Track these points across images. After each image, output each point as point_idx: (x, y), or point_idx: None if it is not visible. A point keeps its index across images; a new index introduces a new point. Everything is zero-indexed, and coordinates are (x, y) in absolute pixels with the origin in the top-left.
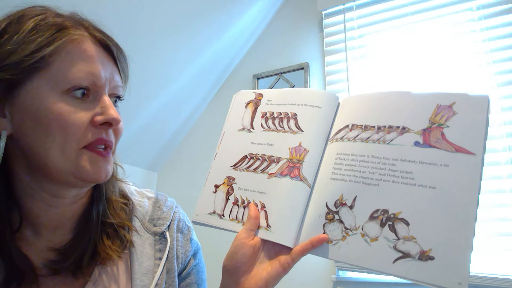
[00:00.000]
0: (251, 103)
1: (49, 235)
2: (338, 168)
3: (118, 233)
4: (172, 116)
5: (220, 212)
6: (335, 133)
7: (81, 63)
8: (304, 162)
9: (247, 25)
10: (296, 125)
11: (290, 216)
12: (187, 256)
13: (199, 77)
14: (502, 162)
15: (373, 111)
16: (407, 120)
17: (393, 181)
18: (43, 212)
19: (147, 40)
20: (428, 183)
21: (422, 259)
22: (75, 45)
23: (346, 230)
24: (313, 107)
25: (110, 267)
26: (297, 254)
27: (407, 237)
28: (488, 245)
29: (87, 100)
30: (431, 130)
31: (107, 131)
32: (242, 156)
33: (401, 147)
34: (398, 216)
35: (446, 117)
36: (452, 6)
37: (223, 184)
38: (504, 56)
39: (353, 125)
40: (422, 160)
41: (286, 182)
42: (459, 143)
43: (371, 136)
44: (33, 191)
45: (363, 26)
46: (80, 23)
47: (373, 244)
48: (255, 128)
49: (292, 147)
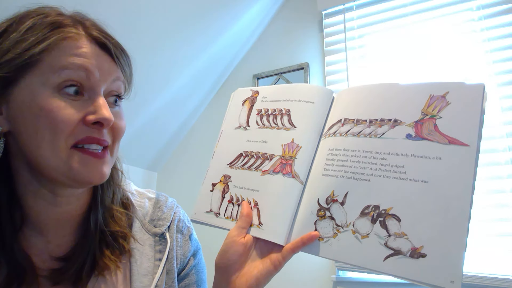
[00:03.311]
0: (248, 100)
1: (50, 235)
2: (330, 164)
3: (118, 241)
4: (172, 116)
5: (216, 210)
6: (328, 128)
7: (72, 57)
8: (296, 159)
9: (247, 25)
10: (289, 121)
11: (281, 214)
12: (185, 256)
13: (199, 77)
14: (502, 162)
15: (365, 104)
16: (399, 112)
17: (384, 175)
18: (43, 210)
19: (148, 41)
20: (420, 177)
21: (414, 256)
22: (69, 42)
23: (337, 227)
24: (306, 103)
25: (109, 276)
26: (288, 252)
27: (398, 234)
28: (488, 245)
29: (81, 98)
30: (423, 122)
31: (100, 131)
32: (238, 154)
33: (393, 141)
34: (389, 212)
35: (439, 108)
36: (452, 6)
37: (220, 183)
38: (504, 56)
39: (345, 119)
40: (414, 154)
41: (278, 179)
42: (452, 134)
43: (363, 130)
44: (34, 188)
45: (363, 26)
46: (79, 22)
47: (364, 241)
48: (250, 126)
49: (285, 143)
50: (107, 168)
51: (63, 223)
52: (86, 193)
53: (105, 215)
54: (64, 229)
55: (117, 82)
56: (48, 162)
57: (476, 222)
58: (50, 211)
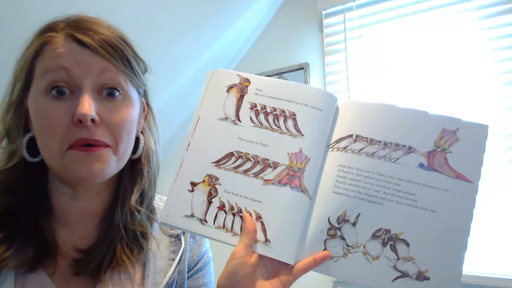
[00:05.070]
0: (235, 88)
1: (73, 227)
2: (341, 181)
3: (138, 240)
4: (172, 116)
5: (201, 217)
6: (336, 141)
7: (52, 59)
8: (305, 171)
9: (246, 25)
10: (296, 127)
11: (290, 231)
12: (193, 260)
13: (199, 77)
14: (502, 162)
15: (379, 124)
16: (414, 140)
17: (397, 201)
18: (66, 204)
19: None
20: (429, 206)
21: (419, 279)
22: (50, 46)
23: (347, 247)
24: (315, 109)
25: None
26: (299, 272)
27: (406, 258)
28: (488, 245)
29: (70, 98)
30: (435, 154)
31: (89, 130)
32: (227, 152)
33: (407, 168)
34: (400, 237)
35: (450, 142)
36: (452, 6)
37: (203, 183)
38: (505, 56)
39: (357, 136)
40: (425, 183)
41: (286, 192)
42: (459, 170)
43: (377, 152)
44: (57, 185)
45: (363, 26)
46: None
47: (374, 263)
48: (242, 121)
49: (292, 152)
50: (102, 165)
51: (86, 217)
52: (106, 189)
53: (129, 213)
54: (87, 223)
55: (106, 73)
56: (49, 162)
57: (476, 222)
58: (72, 206)
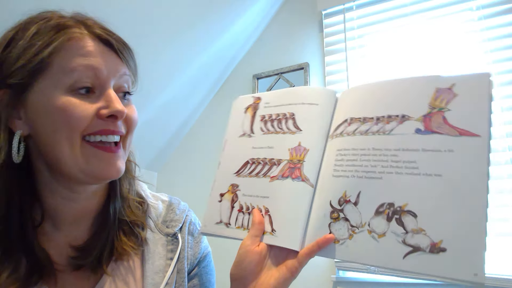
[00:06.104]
0: (250, 107)
1: (68, 229)
2: (339, 164)
3: (134, 230)
4: (172, 116)
5: (227, 221)
6: (334, 129)
7: (79, 58)
8: (304, 162)
9: (247, 25)
10: (294, 125)
11: (294, 219)
12: (195, 257)
13: (199, 77)
14: (502, 162)
15: (370, 102)
16: (406, 108)
17: (397, 172)
18: (61, 207)
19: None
20: (433, 171)
21: (434, 251)
22: (74, 43)
23: (352, 228)
24: (310, 105)
25: (126, 261)
26: (303, 257)
27: (415, 230)
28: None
29: (93, 95)
30: (432, 116)
31: (114, 123)
32: (244, 162)
33: (402, 136)
34: (405, 209)
35: (447, 100)
36: (452, 6)
37: (228, 192)
38: (504, 56)
39: (351, 118)
40: (425, 148)
41: (288, 184)
42: (462, 126)
43: (370, 128)
44: (53, 187)
45: (363, 26)
46: (81, 22)
47: (381, 240)
48: (255, 133)
49: (292, 147)
50: (122, 162)
51: (80, 218)
52: (103, 188)
53: (123, 205)
54: (81, 223)
55: (124, 77)
56: (66, 160)
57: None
58: (68, 207)
